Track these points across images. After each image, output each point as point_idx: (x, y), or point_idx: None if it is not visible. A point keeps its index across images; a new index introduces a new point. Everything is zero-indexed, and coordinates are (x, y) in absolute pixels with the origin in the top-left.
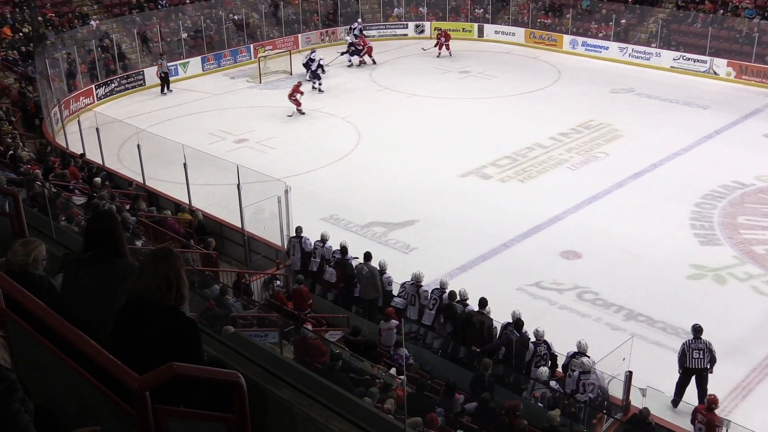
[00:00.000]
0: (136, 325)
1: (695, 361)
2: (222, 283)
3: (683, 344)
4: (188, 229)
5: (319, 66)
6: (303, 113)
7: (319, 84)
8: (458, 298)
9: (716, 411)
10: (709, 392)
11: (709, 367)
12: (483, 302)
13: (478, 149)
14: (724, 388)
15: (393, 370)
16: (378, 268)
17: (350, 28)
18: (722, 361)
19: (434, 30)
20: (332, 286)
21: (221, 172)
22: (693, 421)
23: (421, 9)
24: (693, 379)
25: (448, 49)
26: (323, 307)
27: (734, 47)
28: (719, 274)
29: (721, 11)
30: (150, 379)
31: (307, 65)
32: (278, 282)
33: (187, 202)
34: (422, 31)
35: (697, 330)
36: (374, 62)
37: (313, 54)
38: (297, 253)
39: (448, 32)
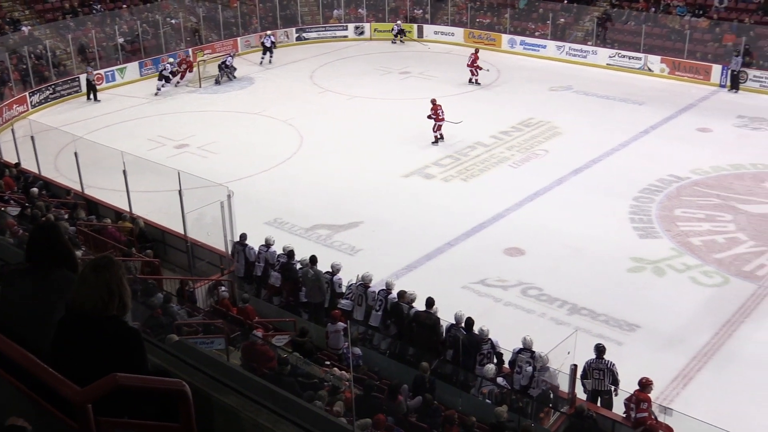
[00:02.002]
0: (78, 336)
1: (596, 381)
2: (166, 291)
3: (585, 363)
4: (129, 237)
5: (227, 67)
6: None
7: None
8: (405, 298)
9: (653, 399)
10: (649, 378)
11: (612, 389)
12: (430, 302)
13: (420, 149)
14: (666, 377)
15: (336, 370)
16: (323, 272)
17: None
18: (663, 351)
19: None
20: (277, 290)
21: (162, 179)
22: (629, 400)
23: (360, 11)
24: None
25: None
26: (269, 312)
27: (667, 44)
28: (658, 266)
29: (654, 9)
30: (91, 391)
31: (221, 67)
32: (223, 288)
33: (128, 210)
34: (362, 33)
35: (599, 350)
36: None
37: (229, 59)
38: (241, 260)
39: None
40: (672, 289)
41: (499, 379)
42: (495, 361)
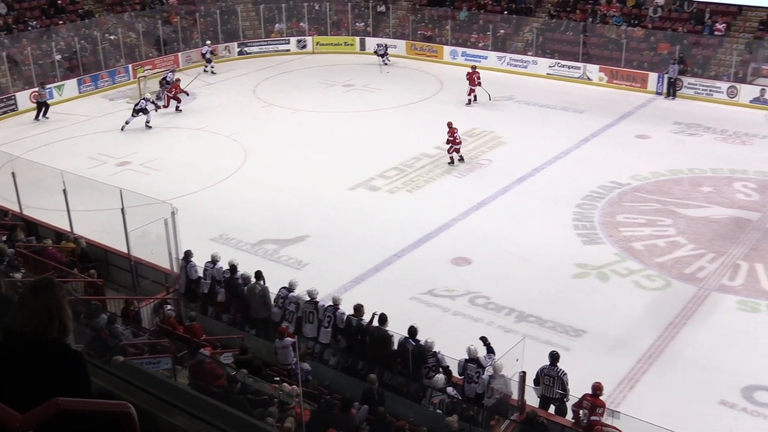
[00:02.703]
0: (17, 361)
1: (546, 387)
2: (110, 312)
3: (538, 369)
4: (71, 258)
5: (168, 83)
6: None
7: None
8: (360, 311)
9: (605, 403)
10: (598, 382)
11: (560, 397)
12: (383, 318)
13: (365, 161)
14: (612, 381)
15: (286, 386)
16: (260, 287)
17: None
18: (609, 354)
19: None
20: (225, 307)
21: (104, 197)
22: (578, 406)
23: (302, 24)
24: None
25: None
26: (217, 329)
27: (605, 53)
28: (602, 271)
29: (591, 19)
30: (33, 416)
31: (162, 84)
32: (169, 306)
33: (69, 230)
34: (304, 47)
35: (554, 357)
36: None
37: (170, 75)
38: (183, 277)
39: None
40: (616, 294)
41: (449, 389)
42: (441, 372)
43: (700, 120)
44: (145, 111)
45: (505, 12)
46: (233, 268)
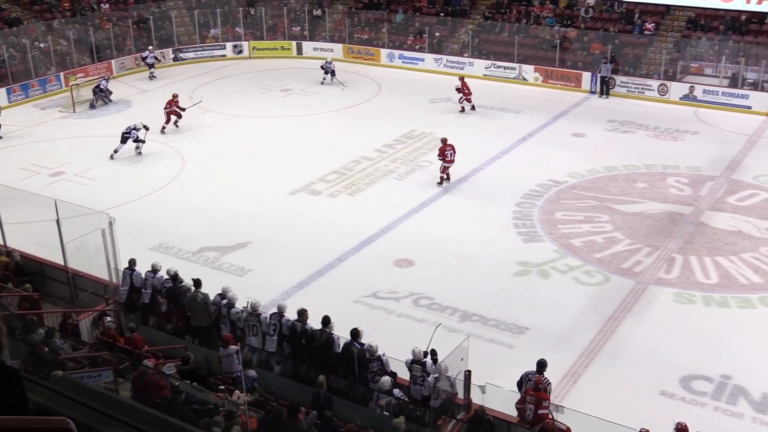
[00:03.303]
0: None
1: None
2: (47, 326)
3: (523, 374)
4: (5, 272)
5: (101, 90)
6: (177, 126)
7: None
8: (305, 316)
9: (549, 397)
10: (538, 376)
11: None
12: (326, 320)
13: (305, 166)
14: (555, 376)
15: (236, 395)
16: (201, 296)
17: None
18: (552, 351)
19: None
20: (167, 316)
21: (38, 209)
22: (522, 402)
23: (237, 29)
24: None
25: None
26: (159, 340)
27: (539, 54)
28: (543, 268)
29: (525, 21)
30: None
31: (95, 91)
32: (108, 318)
33: (2, 243)
34: (240, 52)
35: (541, 365)
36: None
37: (104, 82)
38: (126, 285)
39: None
40: (557, 290)
41: (396, 391)
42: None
43: (633, 117)
44: (138, 140)
45: (441, 14)
46: (175, 277)
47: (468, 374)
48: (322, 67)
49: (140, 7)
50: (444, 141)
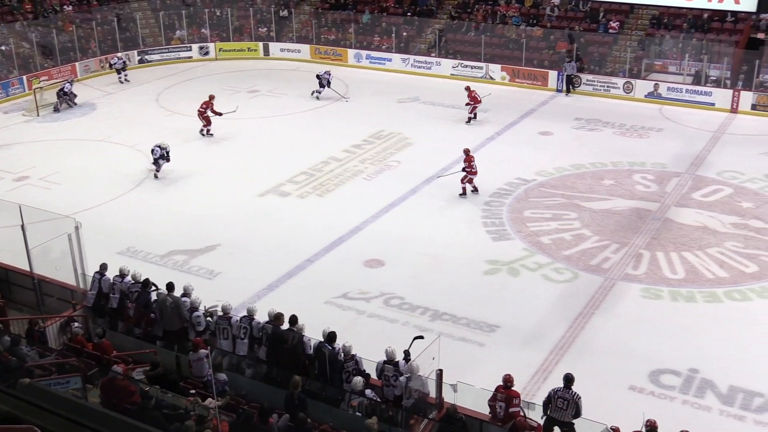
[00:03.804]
0: None
1: (558, 410)
2: (13, 334)
3: (550, 391)
4: None
5: (65, 94)
6: (211, 134)
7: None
8: (280, 320)
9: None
10: (508, 374)
11: (570, 421)
12: (293, 320)
13: (274, 167)
14: (527, 372)
15: (209, 401)
16: (171, 299)
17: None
18: (522, 348)
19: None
20: (136, 321)
21: (2, 214)
22: (493, 400)
23: (203, 30)
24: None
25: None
26: (128, 345)
27: (506, 53)
28: (512, 266)
29: (491, 20)
30: None
31: (60, 95)
32: (76, 324)
33: None
34: (207, 53)
35: (568, 380)
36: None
37: (68, 85)
38: (95, 289)
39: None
40: (527, 288)
41: (368, 392)
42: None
43: (599, 115)
44: (163, 158)
45: (408, 14)
46: (146, 282)
47: (440, 373)
48: (318, 77)
49: (104, 8)
50: (467, 152)
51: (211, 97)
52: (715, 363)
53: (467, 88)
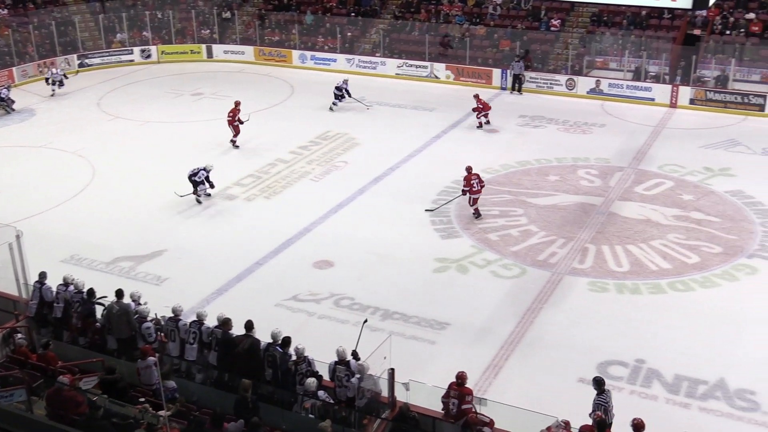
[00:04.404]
0: None
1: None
2: None
3: (593, 401)
4: None
5: (2, 100)
6: (237, 146)
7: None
8: (228, 325)
9: (473, 390)
10: (462, 371)
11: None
12: (249, 325)
13: (220, 170)
14: (478, 369)
15: (162, 412)
16: (120, 307)
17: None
18: (473, 344)
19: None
20: (81, 330)
21: None
22: (446, 397)
23: (145, 33)
24: None
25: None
26: (74, 354)
27: (450, 52)
28: (461, 264)
29: (435, 19)
30: None
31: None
32: (19, 335)
33: None
34: (149, 56)
35: (599, 383)
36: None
37: (5, 91)
38: (36, 299)
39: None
40: (476, 285)
41: (321, 393)
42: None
43: (543, 112)
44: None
45: (351, 14)
46: (90, 291)
47: (392, 372)
48: (337, 88)
49: (41, 12)
50: (469, 170)
51: (237, 104)
52: (660, 353)
53: (476, 96)
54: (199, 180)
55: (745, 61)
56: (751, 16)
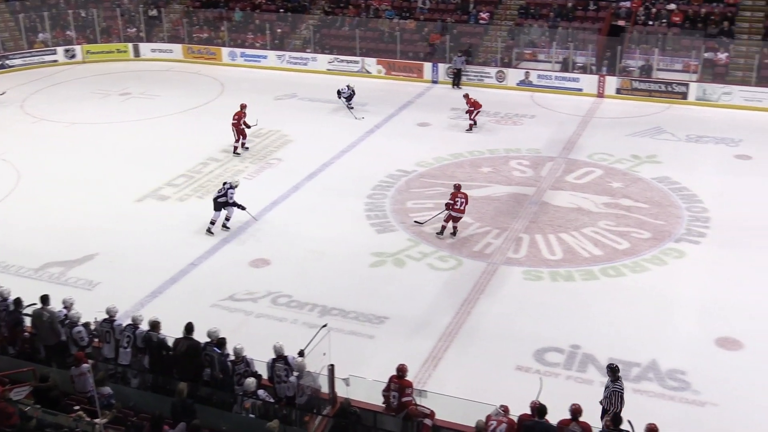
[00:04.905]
0: None
1: (605, 399)
2: None
3: (606, 389)
4: None
5: None
6: (246, 148)
7: None
8: (158, 328)
9: (413, 383)
10: (402, 364)
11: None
12: (189, 327)
13: (151, 171)
14: (417, 361)
15: (98, 420)
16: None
17: None
18: (412, 337)
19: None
20: (10, 339)
21: None
22: (387, 390)
23: (68, 33)
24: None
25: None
26: (2, 364)
27: (381, 46)
28: (398, 257)
29: (364, 14)
30: None
31: None
32: None
33: None
34: (73, 56)
35: (613, 370)
36: None
37: None
38: None
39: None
40: (413, 278)
41: (261, 392)
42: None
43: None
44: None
45: (281, 10)
46: (17, 301)
47: (331, 368)
48: (339, 92)
49: None
50: (457, 187)
51: (243, 107)
52: (594, 338)
53: (465, 96)
54: (230, 199)
55: (668, 50)
56: (672, 6)
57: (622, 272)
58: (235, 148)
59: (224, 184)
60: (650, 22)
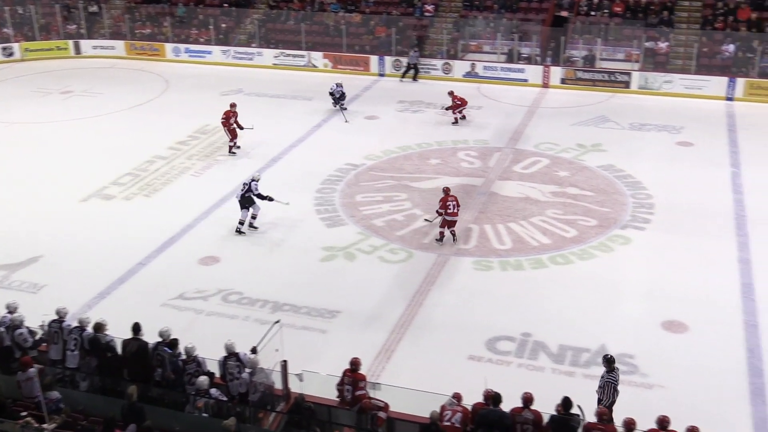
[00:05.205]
0: None
1: (599, 389)
2: None
3: (602, 379)
4: None
5: None
6: (238, 147)
7: None
8: (103, 329)
9: (366, 376)
10: (356, 357)
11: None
12: (136, 327)
13: (95, 171)
14: (370, 354)
15: (46, 425)
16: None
17: None
18: (364, 330)
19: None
20: None
21: None
22: (341, 384)
23: (5, 30)
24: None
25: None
26: None
27: (327, 40)
28: (348, 251)
29: (309, 8)
30: None
31: None
32: None
33: None
34: (11, 54)
35: (609, 361)
36: None
37: None
38: None
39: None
40: (364, 271)
41: (213, 391)
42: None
43: (422, 97)
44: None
45: (225, 5)
46: None
47: (284, 364)
48: (331, 93)
49: None
50: (446, 191)
51: (233, 106)
52: (545, 325)
53: (450, 93)
54: (255, 192)
55: (610, 40)
56: None
57: (571, 260)
58: (230, 147)
59: (244, 183)
60: (593, 13)
